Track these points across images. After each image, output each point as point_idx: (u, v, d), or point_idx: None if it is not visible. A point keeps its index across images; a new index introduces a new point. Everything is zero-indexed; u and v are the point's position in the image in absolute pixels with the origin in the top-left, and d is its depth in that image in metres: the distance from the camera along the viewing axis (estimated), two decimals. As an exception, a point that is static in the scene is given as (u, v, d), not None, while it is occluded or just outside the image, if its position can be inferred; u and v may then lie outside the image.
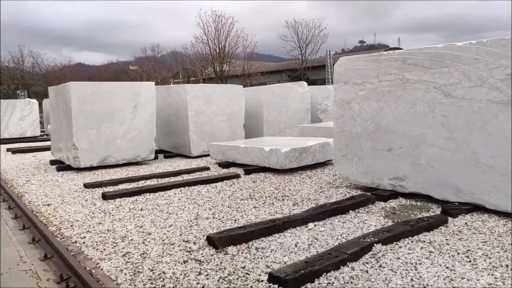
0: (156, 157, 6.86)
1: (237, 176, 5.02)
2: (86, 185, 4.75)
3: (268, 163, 5.21)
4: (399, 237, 2.64)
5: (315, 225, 3.04)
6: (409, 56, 3.51)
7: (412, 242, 2.62)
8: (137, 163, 6.49)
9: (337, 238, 2.76)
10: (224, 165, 5.79)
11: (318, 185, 4.44)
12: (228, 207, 3.70)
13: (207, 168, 5.68)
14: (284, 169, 5.09)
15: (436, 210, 3.31)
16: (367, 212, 3.36)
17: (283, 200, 3.87)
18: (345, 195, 3.95)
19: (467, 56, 3.13)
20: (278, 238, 2.81)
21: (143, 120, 6.41)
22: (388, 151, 3.76)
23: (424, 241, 2.63)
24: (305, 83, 8.41)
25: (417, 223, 2.81)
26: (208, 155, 7.11)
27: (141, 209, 3.74)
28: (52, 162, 6.77)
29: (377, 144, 3.84)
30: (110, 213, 3.63)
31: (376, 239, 2.53)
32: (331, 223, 3.09)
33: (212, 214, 3.50)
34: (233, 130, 7.40)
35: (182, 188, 4.53)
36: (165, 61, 53.23)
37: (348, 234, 2.83)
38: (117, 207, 3.82)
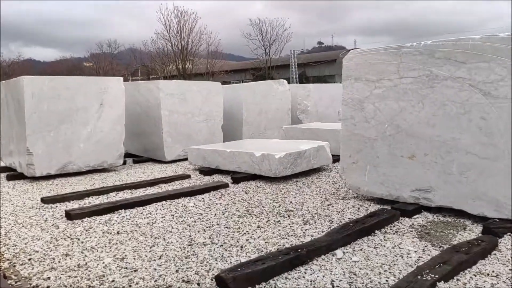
0: (124, 163, 6.07)
1: (225, 185, 4.38)
2: (45, 200, 3.93)
3: (259, 170, 4.61)
4: (457, 269, 2.13)
5: (344, 253, 2.48)
6: (438, 49, 3.03)
7: (475, 276, 2.12)
8: (103, 170, 5.67)
9: (379, 272, 2.21)
10: (206, 172, 5.13)
11: (321, 196, 3.90)
12: (226, 227, 3.07)
13: (188, 176, 4.99)
14: (278, 177, 4.51)
15: (473, 228, 2.86)
16: (396, 232, 2.84)
17: (289, 216, 3.29)
18: (359, 208, 3.43)
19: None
20: (306, 273, 2.23)
21: (110, 121, 5.60)
22: (410, 159, 3.27)
23: (488, 274, 2.13)
24: (285, 81, 7.88)
25: (469, 249, 2.32)
26: (184, 159, 6.40)
27: (118, 233, 3.02)
28: (1, 169, 5.80)
29: (396, 150, 3.34)
30: (79, 239, 2.89)
31: (436, 276, 2.00)
32: (361, 249, 2.54)
33: (209, 237, 2.85)
34: (211, 131, 6.73)
35: (163, 202, 3.83)
36: (123, 58, 51.23)
37: (390, 266, 2.29)
38: (86, 230, 3.08)
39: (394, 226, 2.95)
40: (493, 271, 2.16)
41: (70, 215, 3.35)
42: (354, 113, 3.58)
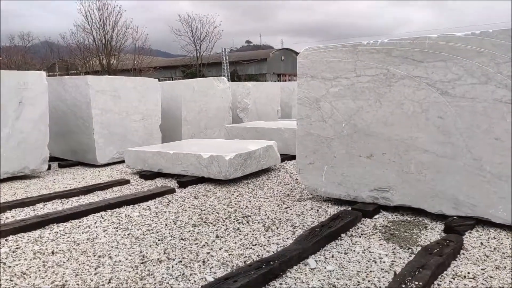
0: (48, 167, 5.41)
1: (171, 190, 4.04)
2: (-47, 216, 3.30)
3: (207, 173, 4.33)
4: (436, 273, 2.08)
5: (316, 262, 2.32)
6: (395, 48, 3.01)
7: (454, 279, 2.07)
8: (24, 177, 4.99)
9: (358, 282, 2.08)
10: (147, 176, 4.72)
11: (276, 198, 3.73)
12: (182, 239, 2.77)
13: (127, 181, 4.54)
14: (227, 179, 4.27)
15: (433, 226, 2.87)
16: (362, 235, 2.76)
17: (248, 223, 3.07)
18: (317, 210, 3.32)
19: (468, 49, 2.73)
20: (282, 289, 2.03)
21: (32, 121, 4.95)
22: (368, 158, 3.22)
23: (465, 276, 2.10)
24: (225, 79, 7.64)
25: (441, 251, 2.29)
26: (118, 162, 5.90)
27: (53, 252, 2.58)
28: None
29: (354, 149, 3.28)
30: (5, 264, 2.41)
31: (419, 283, 1.92)
32: (332, 256, 2.41)
33: (164, 252, 2.54)
34: (148, 131, 6.27)
35: (103, 213, 3.40)
36: (37, 52, 47.29)
37: (367, 273, 2.17)
38: (13, 252, 2.59)
39: (358, 228, 2.87)
40: (468, 273, 2.14)
41: (-10, 235, 2.81)
42: (310, 112, 3.46)
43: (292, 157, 5.78)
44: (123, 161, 5.92)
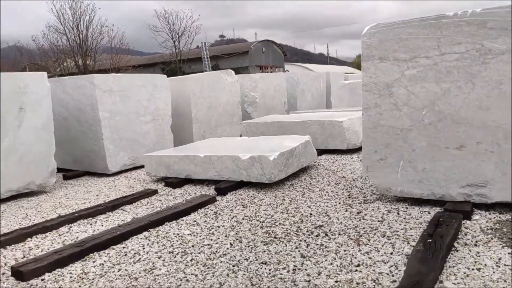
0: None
1: (212, 200, 3.51)
2: (-37, 251, 2.68)
3: (247, 176, 3.81)
4: None
5: (454, 284, 1.86)
6: (491, 18, 2.56)
7: None
8: (30, 194, 4.36)
9: (531, 310, 1.64)
10: (174, 183, 4.16)
11: (337, 201, 3.26)
12: (262, 262, 2.26)
13: (155, 191, 3.98)
14: (271, 182, 3.76)
15: (550, 225, 2.46)
16: (476, 242, 2.31)
17: (327, 235, 2.58)
18: (398, 213, 2.87)
19: None
20: (443, 329, 1.56)
21: (35, 129, 4.32)
22: (458, 150, 2.77)
23: None
24: (232, 72, 7.09)
25: None
26: (131, 169, 5.32)
27: (109, 294, 2.04)
28: None
29: (439, 140, 2.83)
30: (52, 318, 1.86)
31: None
32: (467, 275, 1.95)
33: (252, 284, 2.03)
34: (159, 133, 5.68)
35: (146, 234, 2.86)
36: (7, 56, 45.46)
37: (531, 296, 1.73)
38: (58, 299, 2.03)
39: (466, 234, 2.42)
40: None
41: (22, 273, 2.24)
42: (380, 100, 2.99)
43: (323, 152, 5.33)
44: (135, 168, 5.35)
